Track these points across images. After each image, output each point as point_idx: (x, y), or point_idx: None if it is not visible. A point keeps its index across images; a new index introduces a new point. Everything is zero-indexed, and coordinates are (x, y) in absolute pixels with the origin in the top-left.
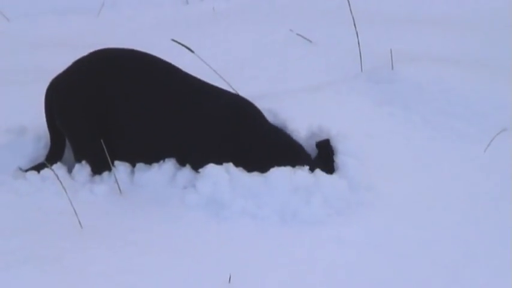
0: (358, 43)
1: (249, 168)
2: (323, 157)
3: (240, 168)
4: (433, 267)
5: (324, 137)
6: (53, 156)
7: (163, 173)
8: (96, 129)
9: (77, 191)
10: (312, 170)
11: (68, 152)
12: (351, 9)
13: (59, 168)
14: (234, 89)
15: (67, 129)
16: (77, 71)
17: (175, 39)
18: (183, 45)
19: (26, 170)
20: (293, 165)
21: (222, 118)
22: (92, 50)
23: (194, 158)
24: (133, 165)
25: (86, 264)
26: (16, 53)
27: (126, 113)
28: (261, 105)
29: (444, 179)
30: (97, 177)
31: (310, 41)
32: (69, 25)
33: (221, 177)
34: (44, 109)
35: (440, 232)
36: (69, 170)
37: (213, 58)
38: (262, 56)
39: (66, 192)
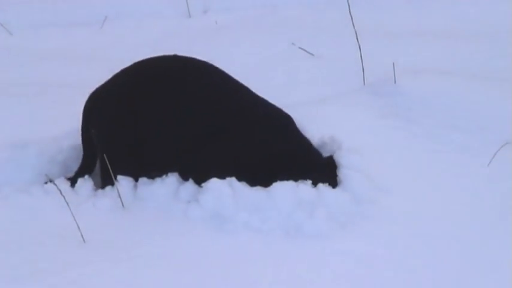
0: (361, 56)
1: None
2: (327, 172)
3: (243, 182)
4: (437, 280)
5: (332, 149)
6: (85, 169)
7: (167, 187)
8: (131, 141)
9: (80, 205)
10: (315, 183)
11: (72, 167)
12: (353, 23)
13: (61, 182)
14: None
15: (105, 147)
16: (114, 84)
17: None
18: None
19: (70, 179)
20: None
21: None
22: (96, 62)
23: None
24: (136, 180)
25: (90, 278)
26: (19, 66)
27: (158, 128)
28: None
29: (448, 192)
30: (100, 191)
31: (313, 55)
32: (73, 38)
33: (224, 191)
34: (81, 121)
35: (444, 245)
36: (72, 185)
37: None
38: (265, 69)
39: (69, 206)
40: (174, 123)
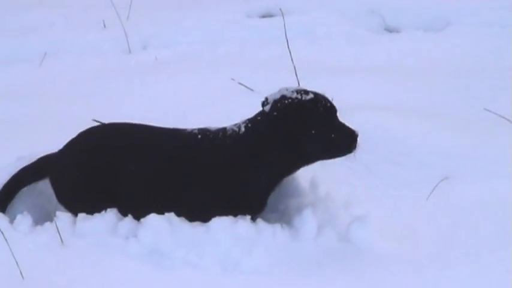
0: None
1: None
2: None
3: (182, 218)
4: None
5: None
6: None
7: (105, 223)
8: (96, 200)
9: (19, 242)
10: (254, 219)
11: (11, 203)
12: (292, 59)
13: (0, 218)
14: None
15: (71, 209)
16: (70, 151)
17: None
18: None
19: None
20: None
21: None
22: (35, 99)
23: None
24: (76, 215)
25: None
26: None
27: (127, 181)
28: None
29: (386, 227)
30: (39, 227)
31: (252, 90)
32: (11, 74)
33: (162, 226)
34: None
35: (382, 281)
36: (11, 221)
37: (156, 106)
38: (205, 104)
39: (7, 242)
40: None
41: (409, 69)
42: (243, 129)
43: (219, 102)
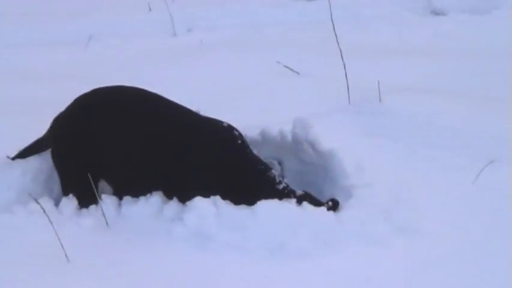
0: (346, 75)
1: (237, 201)
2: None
3: (227, 201)
4: None
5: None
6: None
7: (150, 206)
8: (85, 166)
9: (64, 224)
10: (299, 202)
11: (55, 186)
12: (338, 42)
13: (45, 201)
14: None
15: (58, 163)
16: (72, 110)
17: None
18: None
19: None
20: (280, 198)
21: (207, 149)
22: (80, 81)
23: (183, 191)
24: (120, 199)
25: None
26: (4, 85)
27: (115, 150)
28: (250, 135)
29: (432, 211)
30: (84, 210)
31: (298, 73)
32: (58, 57)
33: (208, 209)
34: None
35: (430, 264)
36: (56, 204)
37: (202, 89)
38: (250, 87)
39: (52, 225)
40: (125, 141)
41: (454, 52)
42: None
43: (265, 85)
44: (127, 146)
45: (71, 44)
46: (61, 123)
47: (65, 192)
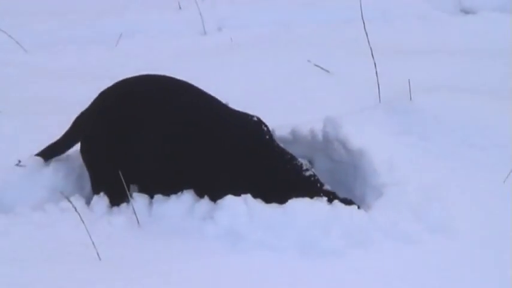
0: (376, 74)
1: (267, 199)
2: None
3: (259, 200)
4: None
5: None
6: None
7: (182, 204)
8: (116, 162)
9: (95, 223)
10: (330, 201)
11: (87, 184)
12: (368, 40)
13: (77, 199)
14: None
15: (88, 161)
16: (98, 105)
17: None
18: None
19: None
20: (310, 196)
21: (235, 144)
22: (110, 80)
23: (213, 188)
24: (152, 197)
25: None
26: (34, 84)
27: (145, 145)
28: (280, 134)
29: (463, 210)
30: (115, 208)
31: (328, 71)
32: (88, 56)
33: (239, 208)
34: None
35: (461, 264)
36: (87, 202)
37: (232, 88)
38: (280, 86)
39: (84, 224)
40: (155, 136)
41: (484, 51)
42: None
43: (295, 83)
44: (157, 139)
45: (100, 43)
46: (88, 119)
47: (96, 191)
